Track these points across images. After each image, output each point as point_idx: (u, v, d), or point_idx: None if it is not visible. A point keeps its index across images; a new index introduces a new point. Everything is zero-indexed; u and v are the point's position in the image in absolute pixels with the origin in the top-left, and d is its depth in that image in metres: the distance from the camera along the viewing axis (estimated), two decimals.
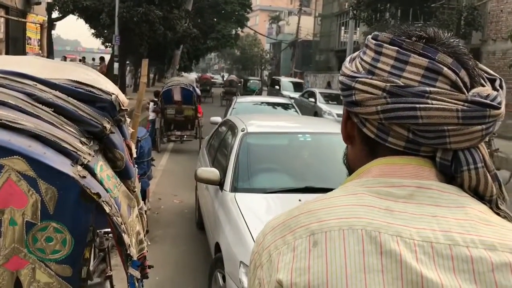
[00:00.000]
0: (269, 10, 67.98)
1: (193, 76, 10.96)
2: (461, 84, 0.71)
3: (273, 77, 33.59)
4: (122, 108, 1.43)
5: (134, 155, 1.66)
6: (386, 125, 0.73)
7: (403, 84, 0.70)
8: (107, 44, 22.48)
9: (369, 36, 0.80)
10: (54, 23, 17.36)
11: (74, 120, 1.30)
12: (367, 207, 0.69)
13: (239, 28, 38.43)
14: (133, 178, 1.55)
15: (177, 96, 11.13)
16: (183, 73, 32.68)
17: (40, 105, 1.22)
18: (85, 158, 1.25)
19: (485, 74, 0.77)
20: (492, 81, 0.76)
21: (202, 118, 11.60)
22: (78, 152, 1.22)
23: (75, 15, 19.01)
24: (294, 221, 0.73)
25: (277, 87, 25.46)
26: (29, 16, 6.65)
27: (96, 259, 2.17)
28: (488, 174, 0.72)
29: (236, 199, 3.69)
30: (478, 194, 0.73)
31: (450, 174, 0.73)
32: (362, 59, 0.78)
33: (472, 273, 0.64)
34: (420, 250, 0.65)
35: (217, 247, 3.56)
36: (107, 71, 17.38)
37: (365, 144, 0.79)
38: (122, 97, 1.43)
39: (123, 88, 19.95)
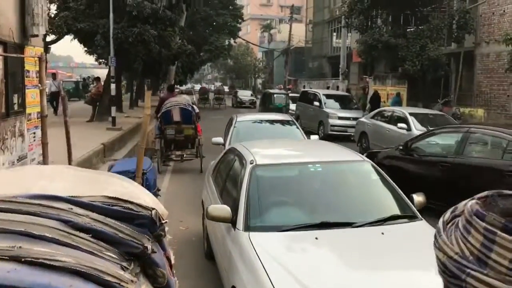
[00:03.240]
0: (260, 18, 68.28)
1: (187, 97, 11.00)
2: None
3: (304, 89, 25.13)
4: (162, 222, 1.35)
5: (173, 262, 1.57)
6: None
7: None
8: (101, 60, 22.43)
9: (473, 212, 0.68)
10: (49, 46, 17.34)
11: (113, 244, 1.21)
12: None
13: (231, 39, 38.49)
14: None
15: (176, 117, 11.10)
16: (178, 86, 32.67)
17: (77, 233, 1.15)
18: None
19: None
20: None
21: (202, 137, 11.55)
22: (122, 283, 1.14)
23: (70, 35, 18.98)
24: None
25: (316, 103, 18.67)
26: (27, 49, 6.59)
27: None
28: None
29: (251, 240, 3.61)
30: None
31: None
32: (466, 239, 0.67)
33: None
34: None
35: None
36: (103, 91, 17.31)
37: None
38: (161, 209, 1.36)
39: (119, 107, 19.88)
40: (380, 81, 26.98)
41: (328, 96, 19.19)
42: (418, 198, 4.23)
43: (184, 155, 11.67)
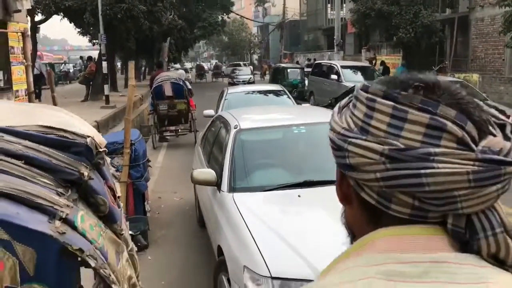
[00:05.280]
0: None
1: (181, 71, 10.83)
2: (468, 140, 0.61)
3: (318, 62, 21.03)
4: (100, 150, 1.36)
5: (119, 194, 1.59)
6: (387, 191, 0.64)
7: (403, 147, 0.62)
8: (95, 41, 22.27)
9: (359, 86, 0.70)
10: (38, 26, 17.15)
11: (48, 170, 1.22)
12: None
13: (225, 14, 38.06)
14: (119, 221, 1.48)
15: (168, 91, 11.06)
16: (172, 64, 32.52)
17: (9, 159, 1.16)
18: (63, 212, 1.19)
19: (494, 119, 0.66)
20: (501, 127, 0.66)
21: (195, 111, 11.55)
22: (55, 206, 1.16)
23: (59, 15, 18.77)
24: None
25: (333, 76, 16.00)
26: (10, 25, 6.52)
27: None
28: (508, 239, 0.63)
29: (235, 200, 3.66)
30: (499, 260, 0.64)
31: (464, 240, 0.64)
32: (353, 113, 0.68)
33: None
34: None
35: (220, 250, 3.54)
36: (96, 71, 17.21)
37: (364, 209, 0.69)
38: (99, 138, 1.36)
39: (114, 86, 19.79)
40: (375, 50, 26.73)
41: (347, 68, 16.49)
42: None
43: (179, 130, 11.70)
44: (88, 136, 1.32)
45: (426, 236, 0.64)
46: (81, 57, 40.21)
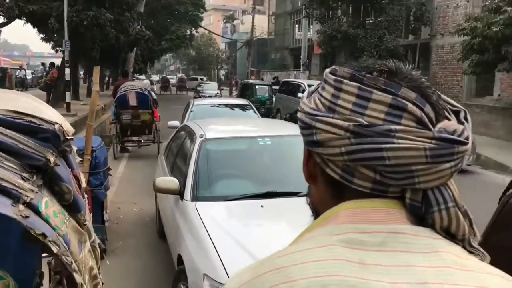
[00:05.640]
0: (223, 9, 67.87)
1: (146, 81, 10.77)
2: (426, 120, 0.67)
3: (286, 80, 20.80)
4: (67, 138, 1.34)
5: (83, 185, 1.56)
6: (351, 166, 0.69)
7: (367, 123, 0.67)
8: (58, 48, 21.80)
9: (327, 71, 0.75)
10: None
11: (13, 154, 1.20)
12: (339, 262, 0.63)
13: (193, 29, 38.14)
14: (83, 210, 1.45)
15: (132, 101, 10.91)
16: (137, 75, 32.17)
17: None
18: (27, 196, 1.16)
19: (449, 106, 0.73)
20: (456, 113, 0.73)
21: (159, 122, 11.42)
22: (19, 190, 1.13)
23: (22, 19, 18.29)
24: (261, 281, 0.66)
25: (300, 94, 15.21)
26: None
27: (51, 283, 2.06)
28: (459, 214, 0.69)
29: (197, 209, 3.63)
30: (450, 234, 0.70)
31: (421, 215, 0.70)
32: (321, 95, 0.73)
33: None
34: None
35: (180, 259, 3.48)
36: (58, 77, 16.82)
37: (329, 185, 0.74)
38: (67, 125, 1.35)
39: (76, 94, 19.38)
40: None
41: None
42: None
43: (142, 141, 11.53)
44: (56, 123, 1.30)
45: (385, 209, 0.69)
46: (43, 64, 39.23)
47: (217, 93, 29.28)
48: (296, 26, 41.26)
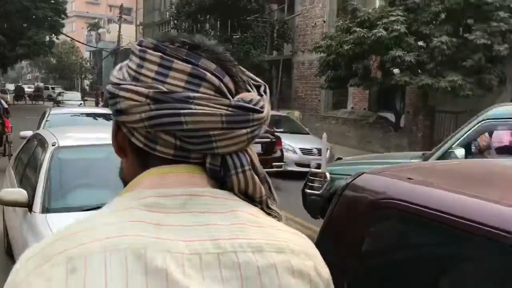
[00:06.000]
0: (87, 16, 64.87)
1: None
2: (225, 90, 0.71)
3: None
4: None
5: None
6: (153, 133, 0.71)
7: (166, 90, 0.69)
8: None
9: (135, 43, 0.77)
10: None
11: None
12: (136, 223, 0.65)
13: (53, 35, 35.73)
14: None
15: None
16: None
17: None
18: None
19: (252, 81, 0.78)
20: (257, 87, 0.78)
21: (11, 134, 10.46)
22: None
23: None
24: (52, 248, 0.65)
25: None
26: None
27: None
28: (256, 177, 0.74)
29: (48, 221, 3.39)
30: (249, 197, 0.75)
31: (221, 179, 0.73)
32: (128, 66, 0.75)
33: (240, 279, 0.64)
34: (188, 264, 0.63)
35: None
36: None
37: (136, 154, 0.76)
38: None
39: None
40: None
41: None
42: None
43: None
44: None
45: (187, 173, 0.72)
46: None
47: (81, 104, 27.74)
48: None
